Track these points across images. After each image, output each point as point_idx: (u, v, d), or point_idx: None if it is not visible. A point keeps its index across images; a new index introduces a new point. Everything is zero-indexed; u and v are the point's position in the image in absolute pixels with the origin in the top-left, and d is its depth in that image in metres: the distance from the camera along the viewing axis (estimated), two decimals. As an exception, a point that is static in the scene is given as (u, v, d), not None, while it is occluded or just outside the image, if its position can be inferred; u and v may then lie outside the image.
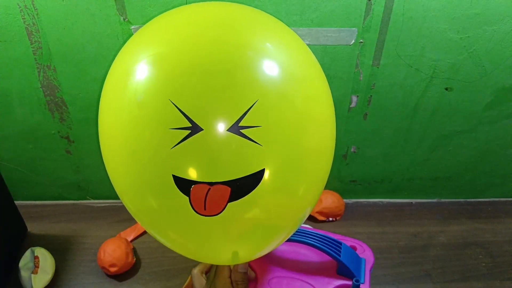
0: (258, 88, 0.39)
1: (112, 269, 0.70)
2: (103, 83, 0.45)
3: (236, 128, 0.38)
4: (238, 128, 0.38)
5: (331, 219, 0.83)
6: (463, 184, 0.88)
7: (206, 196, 0.40)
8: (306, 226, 0.76)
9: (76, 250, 0.76)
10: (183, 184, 0.40)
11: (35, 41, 0.66)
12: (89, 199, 0.87)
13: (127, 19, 0.64)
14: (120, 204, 0.47)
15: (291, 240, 0.59)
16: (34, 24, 0.64)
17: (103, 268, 0.71)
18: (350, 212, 0.85)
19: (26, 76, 0.70)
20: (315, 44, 0.67)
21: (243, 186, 0.40)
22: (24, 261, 0.70)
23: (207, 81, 0.38)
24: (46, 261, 0.71)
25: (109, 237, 0.76)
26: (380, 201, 0.89)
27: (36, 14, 0.63)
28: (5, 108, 0.73)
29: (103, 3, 0.63)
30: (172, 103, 0.38)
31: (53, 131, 0.77)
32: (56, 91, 0.72)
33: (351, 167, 0.85)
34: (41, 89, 0.71)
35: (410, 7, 0.64)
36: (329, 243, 0.60)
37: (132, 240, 0.78)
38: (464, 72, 0.71)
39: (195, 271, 0.58)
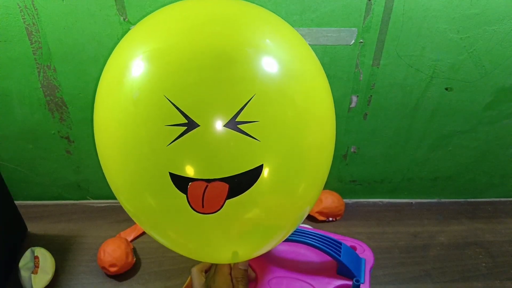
0: (255, 83, 0.38)
1: (112, 269, 0.70)
2: (103, 83, 0.45)
3: (233, 123, 0.37)
4: (235, 123, 0.37)
5: (331, 219, 0.83)
6: (463, 184, 0.88)
7: (204, 194, 0.39)
8: (306, 226, 0.76)
9: (76, 250, 0.76)
10: (180, 181, 0.39)
11: (35, 41, 0.66)
12: (89, 199, 0.87)
13: (127, 19, 0.64)
14: (120, 204, 0.47)
15: (291, 240, 0.59)
16: (34, 24, 0.64)
17: (103, 268, 0.71)
18: (350, 212, 0.85)
19: (26, 76, 0.70)
20: (315, 44, 0.67)
21: (242, 182, 0.39)
22: (24, 261, 0.70)
23: (202, 76, 0.38)
24: (46, 261, 0.71)
25: (109, 237, 0.76)
26: (380, 201, 0.89)
27: (36, 14, 0.63)
28: (5, 108, 0.73)
29: (103, 3, 0.63)
30: (167, 99, 0.37)
31: (53, 131, 0.77)
32: (56, 91, 0.72)
33: (351, 167, 0.85)
34: (41, 89, 0.71)
35: (410, 7, 0.64)
36: (329, 243, 0.60)
37: (132, 240, 0.78)
38: (464, 72, 0.71)
39: (195, 269, 0.58)
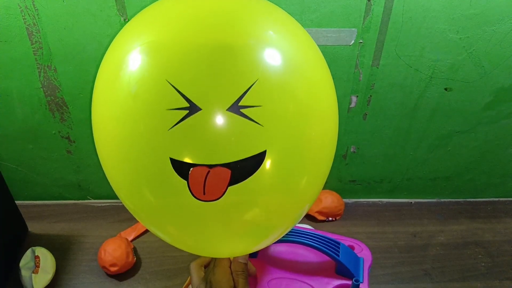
0: (259, 67, 0.38)
1: (113, 268, 0.70)
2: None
3: (236, 108, 0.37)
4: (238, 108, 0.37)
5: (330, 218, 0.83)
6: (463, 184, 0.88)
7: (205, 179, 0.38)
8: (307, 226, 0.76)
9: (76, 250, 0.77)
10: (181, 167, 0.38)
11: (35, 41, 0.66)
12: (89, 199, 0.88)
13: (127, 20, 0.65)
14: (121, 204, 0.47)
15: (290, 241, 0.59)
16: (34, 24, 0.65)
17: (104, 267, 0.71)
18: (349, 212, 0.85)
19: (26, 76, 0.70)
20: (315, 45, 0.67)
21: (244, 168, 0.38)
22: (25, 260, 0.70)
23: (205, 60, 0.37)
24: (47, 260, 0.71)
25: (109, 236, 0.76)
26: (379, 201, 0.89)
27: (37, 15, 0.64)
28: (5, 108, 0.73)
29: (104, 4, 0.63)
30: (169, 83, 0.37)
31: (53, 131, 0.77)
32: (56, 91, 0.72)
33: (350, 167, 0.85)
34: (41, 89, 0.71)
35: (410, 8, 0.64)
36: (327, 244, 0.60)
37: (132, 240, 0.78)
38: (464, 72, 0.71)
39: (193, 263, 0.57)
